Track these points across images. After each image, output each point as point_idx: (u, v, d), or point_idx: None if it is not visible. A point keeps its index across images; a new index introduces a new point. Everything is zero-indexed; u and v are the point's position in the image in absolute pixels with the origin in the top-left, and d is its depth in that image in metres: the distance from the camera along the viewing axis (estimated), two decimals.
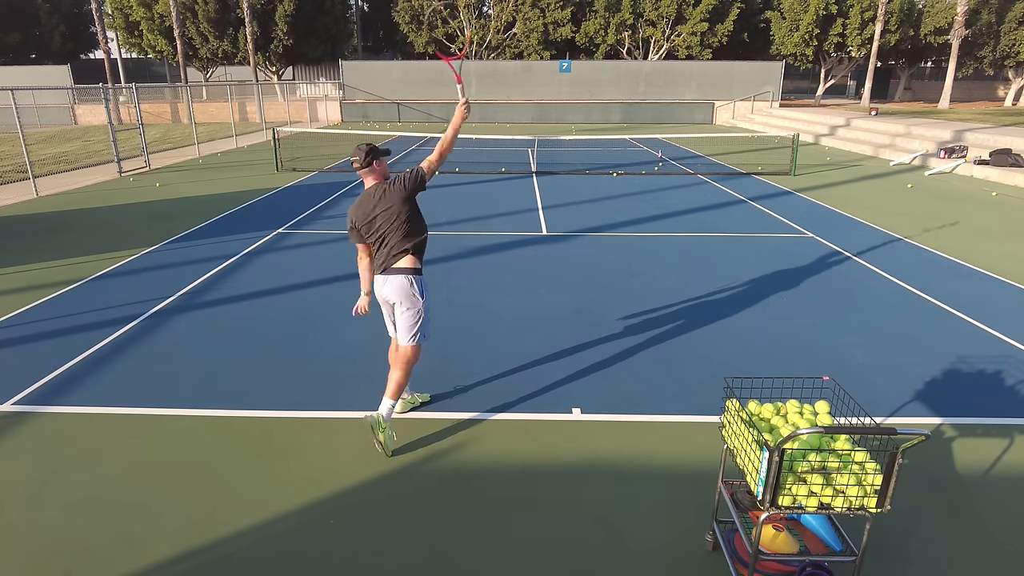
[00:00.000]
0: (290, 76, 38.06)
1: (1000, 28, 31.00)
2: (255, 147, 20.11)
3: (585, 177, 14.39)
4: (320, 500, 3.40)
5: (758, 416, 2.73)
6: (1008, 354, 5.16)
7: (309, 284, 6.85)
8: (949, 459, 3.77)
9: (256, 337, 5.51)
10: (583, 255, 8.02)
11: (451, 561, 2.99)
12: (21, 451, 3.84)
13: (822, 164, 16.42)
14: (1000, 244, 8.58)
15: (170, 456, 3.78)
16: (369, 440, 3.89)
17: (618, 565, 2.96)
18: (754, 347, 5.31)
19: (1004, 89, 36.69)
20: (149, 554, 3.00)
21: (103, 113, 25.28)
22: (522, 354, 5.14)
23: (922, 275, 7.19)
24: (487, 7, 37.07)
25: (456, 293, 6.63)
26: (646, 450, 3.85)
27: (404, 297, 3.75)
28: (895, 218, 10.10)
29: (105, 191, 12.60)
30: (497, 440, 3.95)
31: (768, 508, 2.41)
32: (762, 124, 27.15)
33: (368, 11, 43.40)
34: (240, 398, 4.45)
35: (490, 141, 21.60)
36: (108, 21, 36.66)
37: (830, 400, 2.83)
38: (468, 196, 12.07)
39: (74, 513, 3.28)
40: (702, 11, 33.79)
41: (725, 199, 11.80)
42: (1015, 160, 13.83)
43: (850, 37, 32.66)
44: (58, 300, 6.41)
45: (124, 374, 4.81)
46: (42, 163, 16.10)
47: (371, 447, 3.84)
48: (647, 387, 4.62)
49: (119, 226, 9.61)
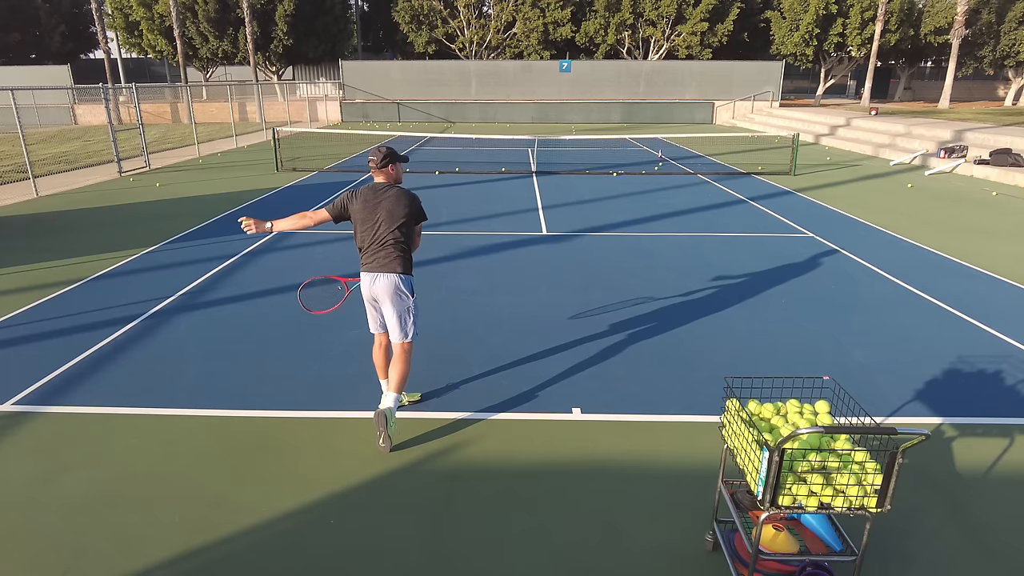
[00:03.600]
0: (290, 76, 38.06)
1: (1000, 28, 30.99)
2: (255, 147, 20.11)
3: (585, 177, 14.39)
4: (319, 500, 3.40)
5: (758, 416, 2.73)
6: (1008, 354, 5.16)
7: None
8: (949, 459, 3.77)
9: (256, 337, 5.51)
10: (583, 255, 8.02)
11: (450, 561, 2.99)
12: (21, 451, 3.84)
13: (822, 164, 16.42)
14: (1000, 244, 8.57)
15: (170, 456, 3.78)
16: (368, 440, 3.89)
17: (618, 565, 2.96)
18: (754, 347, 5.31)
19: (1004, 89, 36.68)
20: (149, 554, 3.00)
21: (103, 113, 25.30)
22: (522, 354, 5.14)
23: (922, 275, 7.19)
24: (487, 7, 37.07)
25: (456, 293, 6.63)
26: (646, 450, 3.85)
27: (394, 295, 3.80)
28: (895, 218, 10.10)
29: (105, 191, 12.60)
30: (497, 440, 3.95)
31: (768, 508, 2.41)
32: (762, 124, 27.15)
33: (368, 11, 43.39)
34: (240, 398, 4.45)
35: (490, 141, 21.60)
36: (108, 21, 36.66)
37: (830, 400, 2.83)
38: (468, 196, 12.07)
39: (74, 513, 3.28)
40: (702, 11, 33.79)
41: (725, 199, 11.80)
42: (1015, 160, 13.83)
43: (850, 37, 32.65)
44: (58, 300, 6.41)
45: (124, 374, 4.81)
46: (42, 163, 16.10)
47: (370, 447, 3.84)
48: (647, 387, 4.62)
49: (119, 226, 9.61)
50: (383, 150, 3.89)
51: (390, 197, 3.81)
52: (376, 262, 3.78)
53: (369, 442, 3.89)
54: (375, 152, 3.87)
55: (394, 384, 3.86)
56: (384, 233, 3.77)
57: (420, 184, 13.33)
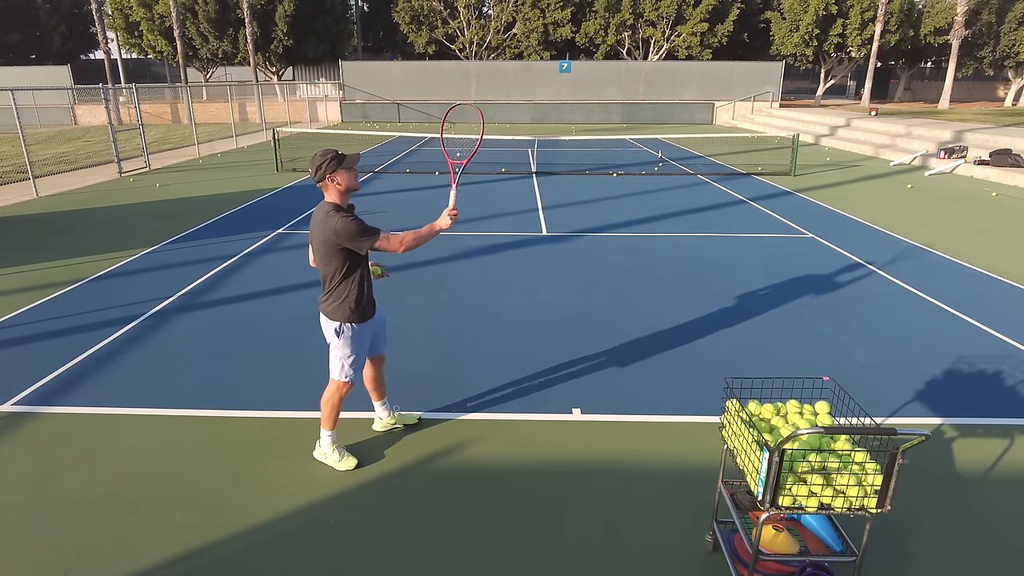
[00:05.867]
0: (290, 76, 38.07)
1: (1000, 28, 31.00)
2: (255, 147, 20.11)
3: (585, 177, 14.39)
4: (320, 500, 3.40)
5: (758, 416, 2.73)
6: (1008, 354, 5.16)
7: (309, 284, 6.84)
8: (949, 459, 3.77)
9: (256, 337, 5.51)
10: (583, 255, 8.02)
11: (451, 561, 2.99)
12: (21, 451, 3.84)
13: (822, 164, 16.42)
14: (1000, 244, 8.57)
15: (170, 456, 3.78)
16: (368, 440, 3.90)
17: (618, 565, 2.96)
18: (754, 347, 5.31)
19: (1004, 89, 36.68)
20: (149, 554, 3.00)
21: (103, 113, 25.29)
22: (522, 354, 5.14)
23: (922, 275, 7.19)
24: (487, 7, 37.08)
25: (456, 293, 6.63)
26: (646, 450, 3.85)
27: (327, 331, 3.46)
28: (895, 218, 10.10)
29: (105, 191, 12.60)
30: (497, 440, 3.95)
31: (768, 508, 2.41)
32: (762, 124, 27.15)
33: (368, 11, 43.41)
34: (240, 398, 4.45)
35: (490, 141, 21.60)
36: (108, 21, 36.68)
37: (830, 400, 2.83)
38: (468, 196, 12.06)
39: (74, 513, 3.28)
40: (702, 11, 33.80)
41: (725, 199, 11.80)
42: (1015, 160, 13.83)
43: (850, 37, 32.66)
44: (58, 300, 6.41)
45: (124, 374, 4.81)
46: (42, 163, 16.11)
47: (370, 447, 3.85)
48: (647, 387, 4.62)
49: (119, 226, 9.61)
50: (317, 159, 3.20)
51: (316, 227, 3.26)
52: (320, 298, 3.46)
53: (369, 442, 3.90)
54: (311, 162, 3.24)
55: (321, 420, 3.62)
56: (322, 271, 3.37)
57: (420, 184, 13.34)
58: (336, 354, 3.49)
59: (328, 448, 3.65)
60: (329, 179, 3.23)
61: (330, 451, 3.64)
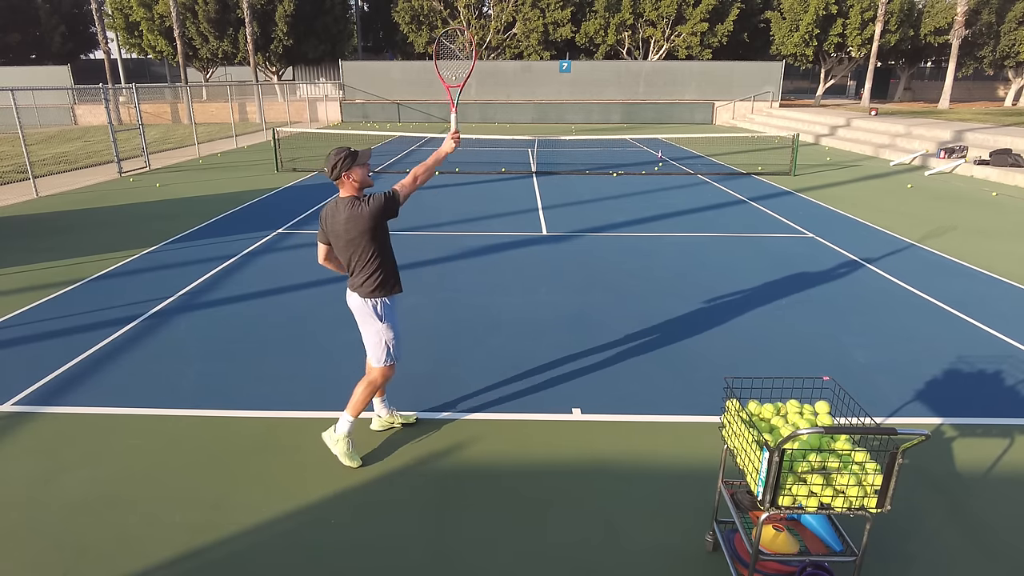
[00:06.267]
0: (290, 76, 38.07)
1: (1000, 28, 30.99)
2: (255, 147, 20.11)
3: (585, 177, 14.39)
4: (319, 500, 3.40)
5: (758, 416, 2.73)
6: (1008, 354, 5.16)
7: (309, 284, 6.84)
8: (949, 459, 3.77)
9: (256, 337, 5.51)
10: (583, 255, 8.02)
11: (450, 561, 2.99)
12: (21, 451, 3.84)
13: (822, 164, 16.42)
14: (1000, 244, 8.58)
15: (170, 456, 3.78)
16: (368, 440, 3.90)
17: (618, 565, 2.96)
18: (754, 347, 5.31)
19: (1004, 89, 36.68)
20: (149, 554, 3.00)
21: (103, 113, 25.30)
22: (522, 354, 5.14)
23: (922, 275, 7.19)
24: (487, 7, 37.09)
25: (456, 293, 6.63)
26: (646, 450, 3.85)
27: (363, 316, 3.59)
28: (895, 218, 10.10)
29: (105, 191, 12.60)
30: (497, 440, 3.95)
31: (768, 508, 2.41)
32: (762, 124, 27.15)
33: (368, 11, 43.42)
34: (240, 398, 4.45)
35: (490, 141, 21.60)
36: (108, 21, 36.68)
37: (830, 400, 2.83)
38: (468, 196, 12.06)
39: (74, 513, 3.28)
40: (702, 11, 33.78)
41: (725, 199, 11.80)
42: (1015, 160, 13.83)
43: (850, 37, 32.65)
44: (58, 300, 6.41)
45: (124, 374, 4.81)
46: (42, 163, 16.11)
47: (370, 447, 3.85)
48: (647, 387, 4.62)
49: (119, 226, 9.61)
50: (333, 157, 3.36)
51: (348, 220, 3.37)
52: (350, 283, 3.60)
53: (369, 442, 3.90)
54: (327, 161, 3.39)
55: (350, 404, 3.68)
56: (351, 260, 3.50)
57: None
58: (378, 338, 3.58)
59: (343, 435, 3.64)
60: (345, 176, 3.38)
61: (344, 440, 3.64)
